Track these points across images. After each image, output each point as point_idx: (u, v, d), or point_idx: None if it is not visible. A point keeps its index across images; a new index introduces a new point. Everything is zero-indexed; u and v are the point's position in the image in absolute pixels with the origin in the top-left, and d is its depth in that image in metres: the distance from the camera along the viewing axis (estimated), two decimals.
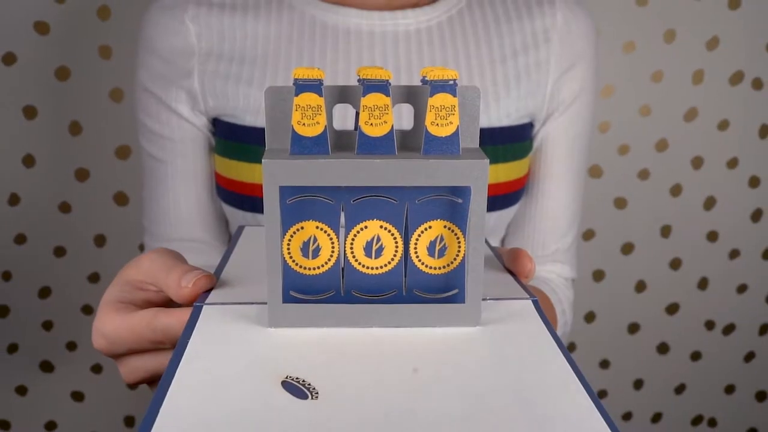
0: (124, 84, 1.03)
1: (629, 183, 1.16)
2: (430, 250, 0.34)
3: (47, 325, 1.15)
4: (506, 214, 0.68)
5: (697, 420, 1.29)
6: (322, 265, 0.34)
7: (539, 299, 0.67)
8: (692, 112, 1.14)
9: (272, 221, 0.33)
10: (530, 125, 0.69)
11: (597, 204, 1.17)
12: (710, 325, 1.24)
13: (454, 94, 0.32)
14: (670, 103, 1.14)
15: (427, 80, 0.33)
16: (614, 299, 1.21)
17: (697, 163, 1.16)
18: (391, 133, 0.32)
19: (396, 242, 0.34)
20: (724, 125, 1.15)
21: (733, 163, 1.17)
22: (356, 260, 0.34)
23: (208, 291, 0.37)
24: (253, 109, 0.64)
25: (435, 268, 0.34)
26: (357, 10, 0.66)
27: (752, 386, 1.30)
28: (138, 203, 1.08)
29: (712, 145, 1.16)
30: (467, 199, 0.32)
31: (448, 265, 0.34)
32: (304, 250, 0.34)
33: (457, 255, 0.34)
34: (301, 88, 0.32)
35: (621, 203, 1.17)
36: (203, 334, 0.33)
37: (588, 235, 1.18)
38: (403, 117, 0.64)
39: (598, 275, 1.20)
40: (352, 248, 0.34)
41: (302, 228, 0.34)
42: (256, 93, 0.64)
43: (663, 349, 1.24)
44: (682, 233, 1.19)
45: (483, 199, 0.32)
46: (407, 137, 0.35)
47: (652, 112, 1.14)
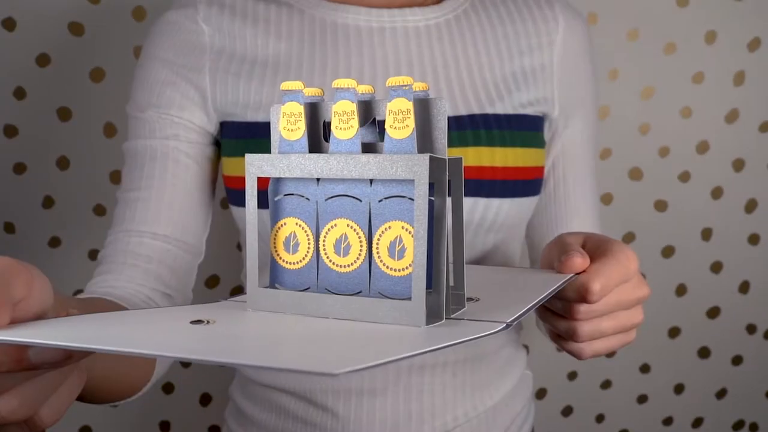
0: None
1: (670, 185, 1.15)
2: (391, 250, 0.35)
3: None
4: (520, 205, 0.67)
5: (739, 425, 1.27)
6: (301, 260, 0.38)
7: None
8: (733, 114, 1.13)
9: (252, 209, 0.37)
10: (542, 119, 0.70)
11: (637, 207, 1.16)
12: (752, 329, 1.23)
13: (409, 99, 0.34)
14: (711, 105, 1.13)
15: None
16: (655, 303, 1.19)
17: (739, 165, 1.15)
18: (357, 136, 0.36)
19: (361, 241, 0.36)
20: (765, 127, 1.14)
21: None
22: (328, 257, 0.37)
23: None
24: (265, 105, 0.64)
25: (396, 270, 0.35)
26: (365, 8, 0.67)
27: None
28: None
29: (753, 147, 1.15)
30: (428, 201, 0.34)
31: (407, 267, 0.35)
32: (287, 244, 0.38)
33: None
34: (286, 98, 0.37)
35: (661, 206, 1.16)
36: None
37: (628, 238, 1.17)
38: None
39: None
40: (324, 245, 0.37)
41: (285, 224, 0.38)
42: (268, 90, 0.64)
43: (704, 353, 1.23)
44: (723, 236, 1.18)
45: (425, 195, 0.33)
46: (379, 147, 0.38)
47: (692, 114, 1.13)
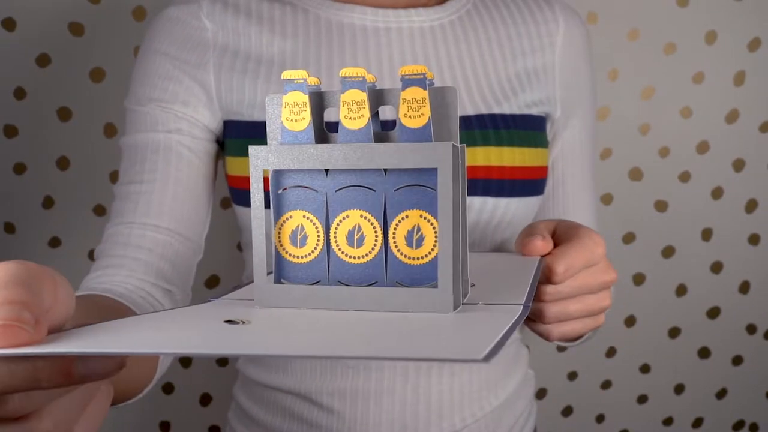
0: None
1: (670, 185, 1.15)
2: (408, 239, 0.35)
3: None
4: (527, 205, 0.67)
5: (739, 425, 1.27)
6: (310, 253, 0.37)
7: None
8: (734, 114, 1.13)
9: (258, 203, 0.36)
10: (545, 120, 0.71)
11: (637, 207, 1.16)
12: (752, 329, 1.23)
13: (423, 87, 0.34)
14: (712, 105, 1.13)
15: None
16: (655, 303, 1.20)
17: (739, 165, 1.15)
18: (368, 126, 0.35)
19: (375, 231, 0.36)
20: (765, 127, 1.14)
21: None
22: (340, 249, 0.36)
23: None
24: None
25: (413, 258, 0.35)
26: (371, 8, 0.67)
27: None
28: None
29: (753, 147, 1.15)
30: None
31: (426, 255, 0.35)
32: (293, 238, 0.37)
33: (434, 245, 0.35)
34: (288, 87, 0.36)
35: (662, 206, 1.16)
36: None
37: (628, 238, 1.17)
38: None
39: (639, 279, 1.19)
40: (335, 237, 0.36)
41: (291, 217, 0.37)
42: (274, 89, 0.64)
43: (704, 353, 1.23)
44: (723, 236, 1.18)
45: (449, 183, 0.33)
46: (391, 136, 0.38)
47: (693, 114, 1.13)
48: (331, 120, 0.54)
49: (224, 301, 0.39)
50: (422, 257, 0.35)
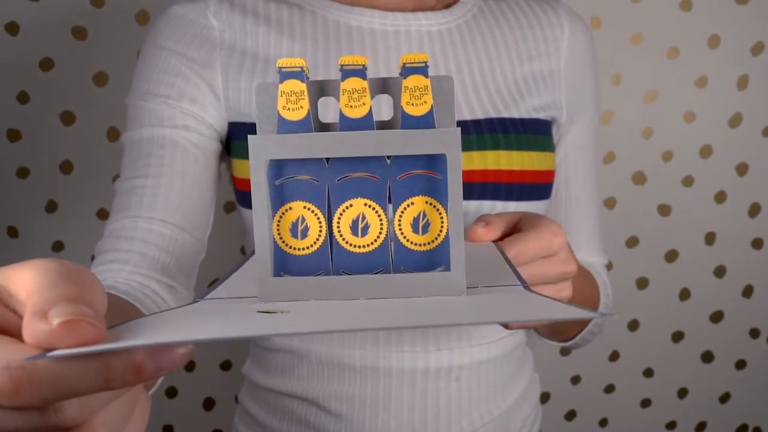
0: None
1: (673, 190, 1.15)
2: (414, 226, 0.35)
3: None
4: (535, 209, 0.68)
5: (742, 429, 1.27)
6: (311, 245, 0.36)
7: (585, 274, 0.68)
8: (737, 118, 1.14)
9: (260, 196, 0.34)
10: (552, 124, 0.71)
11: (640, 211, 1.16)
12: (755, 333, 1.23)
13: (425, 75, 0.34)
14: (715, 109, 1.13)
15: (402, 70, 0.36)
16: (658, 307, 1.19)
17: (742, 169, 1.15)
18: (370, 114, 0.34)
19: (380, 219, 0.35)
20: None
21: None
22: (343, 239, 0.36)
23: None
24: None
25: (420, 244, 0.35)
26: (379, 11, 0.67)
27: None
28: None
29: (757, 151, 1.15)
30: (446, 174, 0.34)
31: (432, 241, 0.35)
32: (293, 230, 0.36)
33: (440, 231, 0.35)
34: (284, 75, 0.34)
35: (665, 210, 1.16)
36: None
37: (631, 242, 1.17)
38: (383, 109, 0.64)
39: (642, 283, 1.19)
40: (339, 227, 0.36)
41: (290, 208, 0.36)
42: None
43: (707, 357, 1.23)
44: (726, 240, 1.18)
45: (458, 168, 0.33)
46: (387, 125, 0.37)
47: (696, 118, 1.13)
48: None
49: (218, 301, 0.36)
50: (428, 243, 0.35)
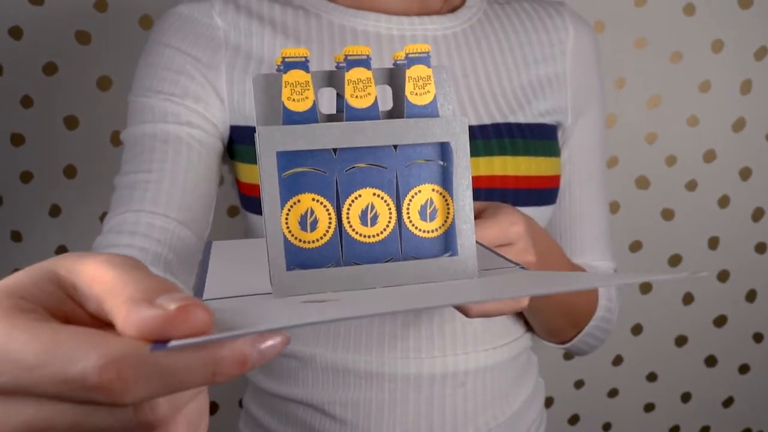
0: None
1: (676, 194, 1.15)
2: (422, 213, 0.36)
3: None
4: (541, 214, 0.67)
5: None
6: (321, 237, 0.35)
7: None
8: (740, 123, 1.14)
9: (271, 189, 0.33)
10: (557, 128, 0.71)
11: (644, 215, 1.16)
12: (758, 337, 1.23)
13: (428, 65, 0.35)
14: (718, 114, 1.13)
15: (398, 62, 0.36)
16: (661, 312, 1.19)
17: (746, 174, 1.15)
18: (375, 104, 0.35)
19: (389, 208, 0.36)
20: None
21: None
22: (353, 229, 0.36)
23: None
24: None
25: (428, 231, 0.36)
26: (385, 15, 0.66)
27: None
28: None
29: (760, 155, 1.15)
30: (451, 162, 0.35)
31: (440, 227, 0.36)
32: (302, 223, 0.35)
33: (447, 217, 0.36)
34: (288, 65, 0.34)
35: (668, 215, 1.16)
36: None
37: (635, 246, 1.17)
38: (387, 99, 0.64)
39: (646, 287, 1.19)
40: (348, 217, 0.35)
41: (299, 201, 0.35)
42: None
43: (711, 361, 1.23)
44: (729, 245, 1.18)
45: (465, 156, 0.35)
46: (389, 115, 0.38)
47: (699, 123, 1.13)
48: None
49: (245, 298, 0.35)
50: (435, 230, 0.36)
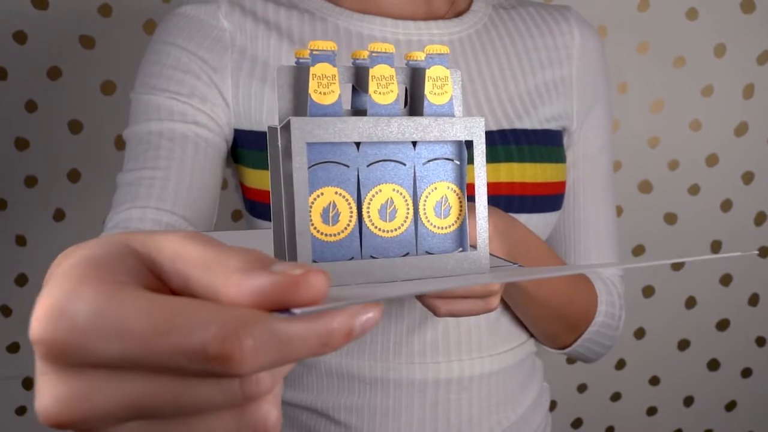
0: None
1: (679, 198, 1.15)
2: (437, 210, 0.37)
3: None
4: (546, 220, 0.67)
5: None
6: (342, 231, 0.36)
7: (576, 279, 0.68)
8: (743, 127, 1.14)
9: (301, 181, 0.33)
10: (563, 134, 0.71)
11: (647, 219, 1.16)
12: (761, 341, 1.23)
13: (446, 66, 0.36)
14: (721, 118, 1.13)
15: (411, 62, 0.37)
16: (664, 316, 1.20)
17: (748, 178, 1.16)
18: (397, 101, 0.35)
19: (407, 204, 0.37)
20: None
21: None
22: (373, 224, 0.36)
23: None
24: None
25: (442, 227, 0.37)
26: (391, 20, 0.66)
27: None
28: None
29: (762, 159, 1.15)
30: (464, 161, 0.37)
31: (453, 224, 0.37)
32: (324, 216, 0.36)
33: (459, 215, 0.37)
34: (316, 58, 0.34)
35: (671, 218, 1.16)
36: None
37: (638, 250, 1.17)
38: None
39: (648, 291, 1.19)
40: (368, 212, 0.36)
41: (322, 194, 0.36)
42: None
43: (713, 365, 1.23)
44: (732, 249, 1.18)
45: (483, 154, 0.36)
46: (405, 113, 0.39)
47: (702, 127, 1.13)
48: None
49: None
50: (449, 226, 0.37)
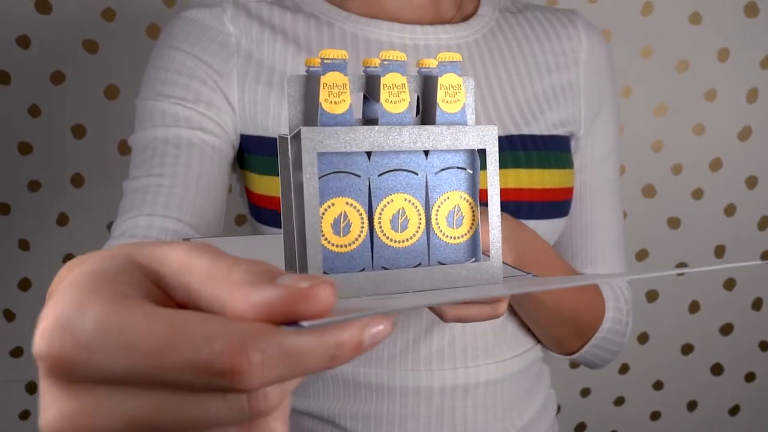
0: None
1: (683, 202, 1.15)
2: (449, 220, 0.37)
3: None
4: (554, 226, 0.67)
5: None
6: (353, 242, 0.35)
7: (589, 291, 0.68)
8: (746, 131, 1.14)
9: (312, 191, 0.32)
10: (570, 139, 0.71)
11: (650, 224, 1.16)
12: (764, 346, 1.23)
13: (459, 74, 0.35)
14: (724, 122, 1.13)
15: (423, 69, 0.37)
16: (668, 320, 1.19)
17: (752, 182, 1.16)
18: (409, 110, 0.35)
19: (419, 214, 0.36)
20: None
21: None
22: (384, 234, 0.36)
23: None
24: None
25: (454, 237, 0.37)
26: (398, 24, 0.66)
27: None
28: None
29: (766, 164, 1.15)
30: (477, 170, 0.36)
31: (465, 233, 0.37)
32: (335, 227, 0.35)
33: (472, 224, 0.37)
34: (327, 67, 0.34)
35: (674, 223, 1.16)
36: None
37: (641, 255, 1.17)
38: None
39: (652, 296, 1.19)
40: (380, 222, 0.36)
41: (333, 204, 0.35)
42: None
43: (717, 370, 1.23)
44: (736, 253, 1.18)
45: (496, 161, 0.36)
46: (417, 121, 0.38)
47: (705, 131, 1.13)
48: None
49: None
50: (461, 236, 0.37)
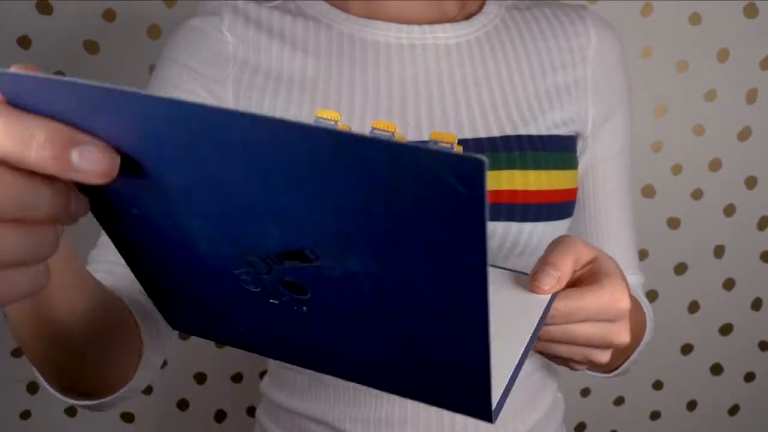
0: None
1: (682, 203, 1.16)
2: None
3: None
4: (554, 229, 0.66)
5: None
6: None
7: (634, 305, 0.67)
8: (746, 132, 1.14)
9: None
10: (575, 139, 0.69)
11: (650, 224, 1.16)
12: (764, 345, 1.23)
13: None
14: (724, 123, 1.13)
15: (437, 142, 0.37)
16: (667, 320, 1.20)
17: (751, 182, 1.16)
18: None
19: None
20: None
21: None
22: None
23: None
24: None
25: None
26: (395, 24, 0.65)
27: None
28: None
29: (766, 164, 1.15)
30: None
31: None
32: None
33: None
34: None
35: (674, 223, 1.16)
36: None
37: (641, 255, 1.17)
38: None
39: (651, 295, 1.19)
40: None
41: None
42: (294, 110, 0.62)
43: (716, 370, 1.23)
44: (735, 253, 1.18)
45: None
46: None
47: (705, 132, 1.13)
48: None
49: None
50: None
